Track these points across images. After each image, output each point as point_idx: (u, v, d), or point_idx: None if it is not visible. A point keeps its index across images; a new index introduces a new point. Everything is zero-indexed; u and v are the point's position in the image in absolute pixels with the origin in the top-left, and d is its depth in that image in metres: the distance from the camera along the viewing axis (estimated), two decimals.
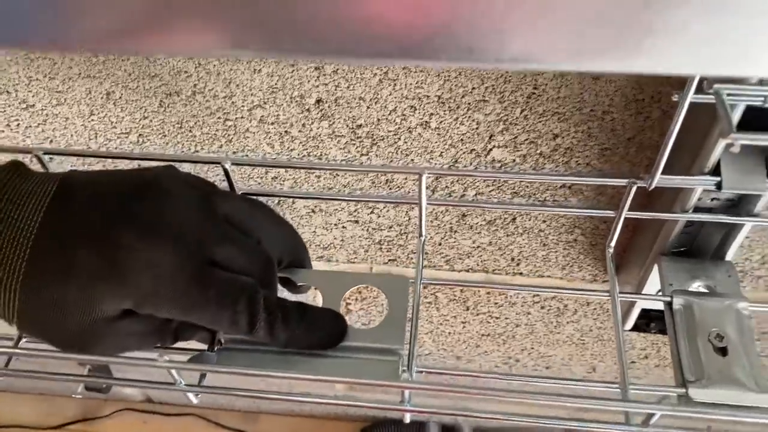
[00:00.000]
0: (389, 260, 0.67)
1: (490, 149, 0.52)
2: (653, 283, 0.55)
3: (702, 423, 0.42)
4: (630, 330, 0.62)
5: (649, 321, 0.61)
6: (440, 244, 0.64)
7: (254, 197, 0.45)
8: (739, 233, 0.49)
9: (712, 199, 0.48)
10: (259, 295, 0.39)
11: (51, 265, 0.35)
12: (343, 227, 0.63)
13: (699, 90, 0.39)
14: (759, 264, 0.60)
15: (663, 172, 0.43)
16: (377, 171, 0.53)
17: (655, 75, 0.42)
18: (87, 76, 0.51)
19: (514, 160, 0.53)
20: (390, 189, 0.58)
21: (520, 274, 0.66)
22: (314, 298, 0.69)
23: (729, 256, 0.51)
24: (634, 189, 0.45)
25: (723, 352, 0.45)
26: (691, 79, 0.38)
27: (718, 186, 0.44)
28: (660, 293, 0.52)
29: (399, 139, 0.53)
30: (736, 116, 0.40)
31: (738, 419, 0.38)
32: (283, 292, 0.43)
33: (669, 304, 0.48)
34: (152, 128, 0.55)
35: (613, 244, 0.49)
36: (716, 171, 0.44)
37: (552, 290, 0.61)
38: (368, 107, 0.50)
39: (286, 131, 0.54)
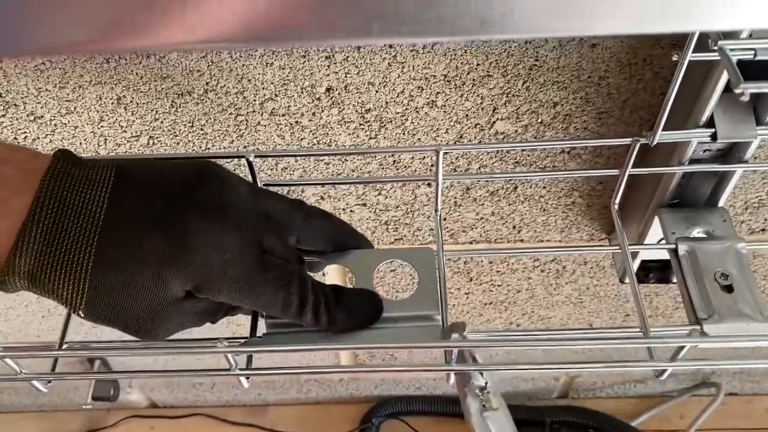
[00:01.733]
0: (395, 239, 0.69)
1: (494, 122, 0.55)
2: (652, 235, 0.59)
3: (722, 355, 0.46)
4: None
5: (648, 272, 0.65)
6: (445, 219, 0.66)
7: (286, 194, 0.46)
8: (731, 180, 0.53)
9: (705, 151, 0.52)
10: (308, 279, 0.41)
11: (120, 251, 0.36)
12: (351, 211, 0.65)
13: (696, 49, 0.42)
14: (742, 210, 0.65)
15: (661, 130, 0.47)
16: (393, 151, 0.55)
17: (660, 34, 0.46)
18: (98, 82, 0.52)
19: (516, 131, 0.56)
20: (397, 170, 0.60)
21: (521, 240, 0.69)
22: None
23: (721, 202, 0.55)
24: (637, 146, 0.48)
25: (729, 289, 0.49)
26: (690, 39, 0.41)
27: (713, 137, 0.48)
28: (662, 242, 0.56)
29: (406, 120, 0.55)
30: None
31: (757, 344, 0.42)
32: None
33: (674, 251, 0.51)
34: (163, 129, 0.56)
35: (617, 201, 0.52)
36: (710, 124, 0.48)
37: (561, 249, 0.64)
38: (377, 91, 0.52)
39: (296, 121, 0.55)
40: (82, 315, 0.37)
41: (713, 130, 0.48)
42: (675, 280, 0.65)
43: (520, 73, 0.51)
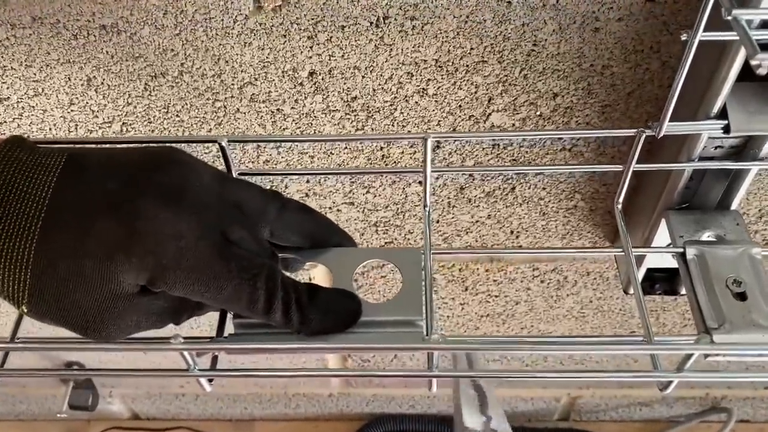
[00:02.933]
0: (385, 242, 0.65)
1: (489, 114, 0.52)
2: (659, 240, 0.54)
3: (731, 369, 0.41)
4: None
5: (654, 282, 0.60)
6: (438, 221, 0.62)
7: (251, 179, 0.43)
8: (744, 180, 0.49)
9: (716, 148, 0.48)
10: (278, 274, 0.37)
11: (65, 237, 0.32)
12: (338, 210, 0.62)
13: (707, 28, 0.38)
14: (756, 218, 0.61)
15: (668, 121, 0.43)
16: (379, 138, 0.51)
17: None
18: (66, 61, 0.49)
19: (513, 125, 0.52)
20: (386, 165, 0.56)
21: (520, 247, 0.65)
22: None
23: (734, 205, 0.51)
24: (642, 138, 0.44)
25: (742, 297, 0.45)
26: (701, 16, 0.37)
27: (726, 129, 0.44)
28: (670, 247, 0.52)
29: (395, 109, 0.51)
30: None
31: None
32: None
33: (682, 255, 0.47)
34: (137, 115, 0.53)
35: (621, 200, 0.48)
36: (722, 115, 0.44)
37: (563, 252, 0.60)
38: (363, 77, 0.49)
39: (278, 109, 0.52)
40: (26, 311, 0.33)
41: (726, 121, 0.44)
42: (683, 292, 0.61)
43: (517, 60, 0.48)
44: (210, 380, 0.41)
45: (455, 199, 0.60)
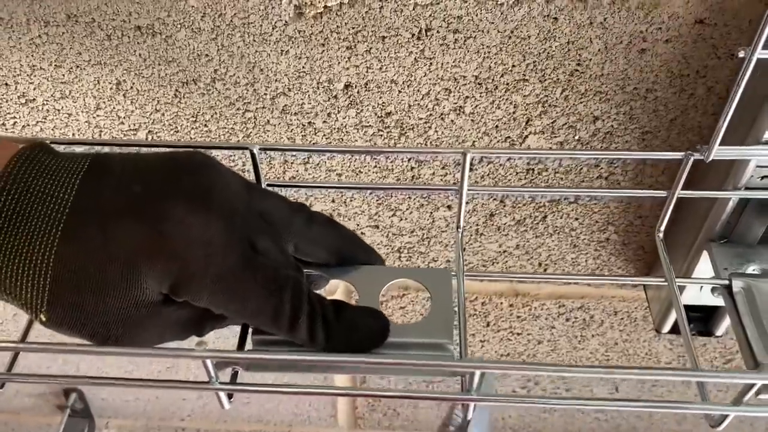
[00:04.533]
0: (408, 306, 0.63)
1: (526, 136, 0.50)
2: (698, 274, 0.52)
3: None
4: (668, 332, 0.59)
5: (689, 322, 0.58)
6: (464, 249, 0.60)
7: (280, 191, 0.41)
8: None
9: (762, 178, 0.46)
10: (304, 288, 0.35)
11: (88, 241, 0.31)
12: (362, 233, 0.60)
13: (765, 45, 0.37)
14: None
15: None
16: (415, 152, 0.50)
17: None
18: (97, 63, 0.48)
19: (550, 148, 0.51)
20: (416, 185, 0.55)
21: (547, 281, 0.63)
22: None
23: None
24: (690, 162, 0.42)
25: None
26: (761, 33, 0.36)
27: None
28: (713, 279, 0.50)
29: (430, 127, 0.50)
30: None
31: None
32: None
33: (728, 288, 0.45)
34: (164, 123, 0.51)
35: (663, 228, 0.46)
36: None
37: (600, 279, 0.57)
38: (400, 91, 0.48)
39: (309, 122, 0.50)
40: (45, 320, 0.31)
41: None
42: (718, 333, 0.58)
43: (559, 79, 0.46)
44: (230, 396, 0.38)
45: (484, 227, 0.58)
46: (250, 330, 0.38)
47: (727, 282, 0.45)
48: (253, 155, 0.43)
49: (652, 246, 0.58)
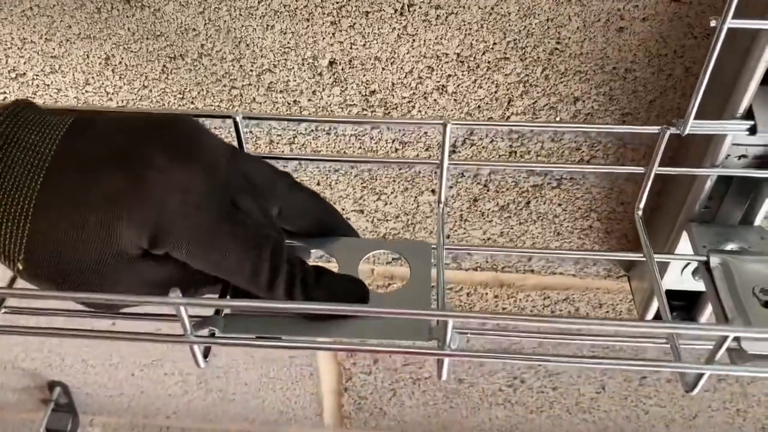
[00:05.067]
0: (393, 259, 0.63)
1: (508, 117, 0.51)
2: (680, 255, 0.53)
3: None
4: (652, 320, 0.59)
5: (671, 311, 0.58)
6: (449, 237, 0.61)
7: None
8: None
9: (740, 158, 0.47)
10: (284, 248, 0.35)
11: (69, 190, 0.31)
12: (347, 218, 0.60)
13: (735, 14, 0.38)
14: None
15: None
16: (397, 123, 0.50)
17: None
18: (86, 36, 0.49)
19: (532, 130, 0.51)
20: (400, 169, 0.55)
21: (531, 271, 0.63)
22: None
23: (758, 221, 0.49)
24: (666, 136, 0.43)
25: None
26: (731, 1, 0.37)
27: (752, 130, 0.43)
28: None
29: (413, 107, 0.51)
30: None
31: None
32: None
33: (706, 264, 0.45)
34: (151, 99, 0.52)
35: (641, 206, 0.47)
36: (749, 116, 0.43)
37: (582, 255, 0.57)
38: (383, 69, 0.49)
39: (295, 100, 0.51)
40: (21, 268, 0.31)
41: (752, 122, 0.43)
42: (702, 321, 0.58)
43: (539, 58, 0.47)
44: (205, 355, 0.38)
45: (468, 212, 0.58)
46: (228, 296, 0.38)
47: (705, 258, 0.46)
48: (236, 123, 0.44)
49: (635, 235, 0.58)
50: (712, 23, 0.38)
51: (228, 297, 0.38)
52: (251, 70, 0.49)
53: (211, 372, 0.82)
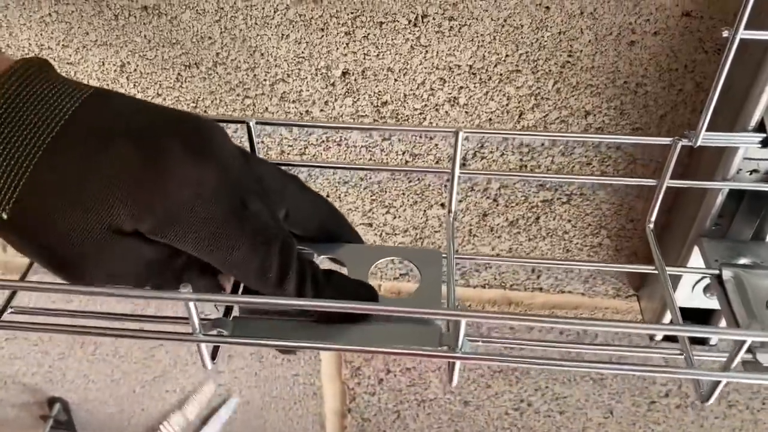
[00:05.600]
0: (400, 275, 0.63)
1: (519, 130, 0.51)
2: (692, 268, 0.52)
3: None
4: (662, 340, 0.59)
5: None
6: (457, 251, 0.60)
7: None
8: None
9: (751, 172, 0.47)
10: (293, 246, 0.35)
11: (77, 147, 0.31)
12: None
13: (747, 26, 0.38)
14: None
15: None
16: (409, 130, 0.51)
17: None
18: (103, 43, 0.49)
19: (542, 144, 0.52)
20: (410, 182, 0.55)
21: (540, 289, 0.63)
22: None
23: None
24: (678, 148, 0.43)
25: None
26: (742, 13, 0.37)
27: (764, 143, 0.43)
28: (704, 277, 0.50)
29: (425, 119, 0.51)
30: None
31: None
32: None
33: (718, 277, 0.45)
34: None
35: (653, 218, 0.47)
36: (761, 129, 0.44)
37: (593, 266, 0.57)
38: (396, 80, 0.49)
39: (307, 111, 0.51)
40: (6, 218, 0.30)
41: (764, 135, 0.43)
42: (713, 342, 0.58)
43: (551, 71, 0.48)
44: (213, 356, 0.38)
45: (477, 227, 0.58)
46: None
47: (717, 272, 0.45)
48: (249, 128, 0.44)
49: (645, 252, 0.58)
50: (725, 34, 0.38)
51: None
52: (265, 80, 0.50)
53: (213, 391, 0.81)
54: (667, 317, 0.56)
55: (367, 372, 0.74)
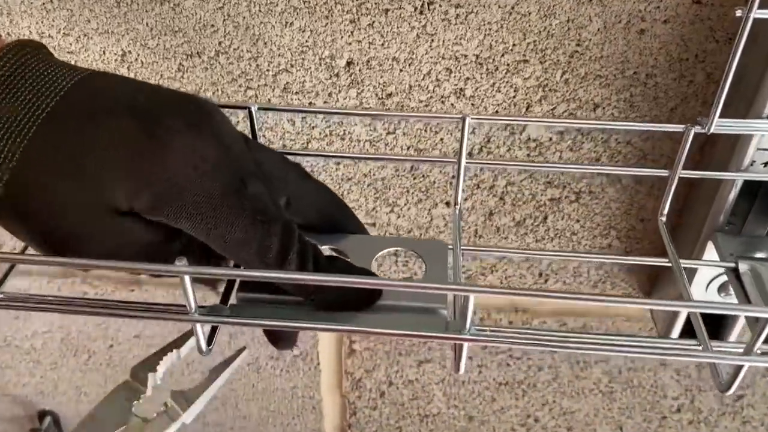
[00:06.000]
0: (403, 276, 0.61)
1: (526, 125, 0.50)
2: (705, 268, 0.51)
3: None
4: (678, 338, 0.57)
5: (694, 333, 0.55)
6: (462, 254, 0.59)
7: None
8: None
9: (765, 164, 0.46)
10: (295, 228, 0.34)
11: (75, 121, 0.30)
12: None
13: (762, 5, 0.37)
14: None
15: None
16: (415, 117, 0.49)
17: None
18: (104, 32, 0.49)
19: (550, 138, 0.50)
20: (414, 179, 0.54)
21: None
22: None
23: None
24: (691, 135, 0.42)
25: None
26: None
27: None
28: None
29: (430, 111, 0.50)
30: None
31: None
32: None
33: (734, 270, 0.43)
34: None
35: (665, 211, 0.45)
36: None
37: (604, 258, 0.55)
38: (401, 70, 0.48)
39: (310, 102, 0.51)
40: (1, 193, 0.29)
41: None
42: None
43: (559, 60, 0.47)
44: (209, 341, 0.36)
45: (483, 227, 0.56)
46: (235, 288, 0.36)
47: (733, 265, 0.44)
48: (251, 114, 0.43)
49: (657, 254, 0.56)
50: (738, 13, 0.37)
51: (235, 292, 0.36)
52: (268, 70, 0.49)
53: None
54: (680, 323, 0.54)
55: (368, 384, 0.72)
